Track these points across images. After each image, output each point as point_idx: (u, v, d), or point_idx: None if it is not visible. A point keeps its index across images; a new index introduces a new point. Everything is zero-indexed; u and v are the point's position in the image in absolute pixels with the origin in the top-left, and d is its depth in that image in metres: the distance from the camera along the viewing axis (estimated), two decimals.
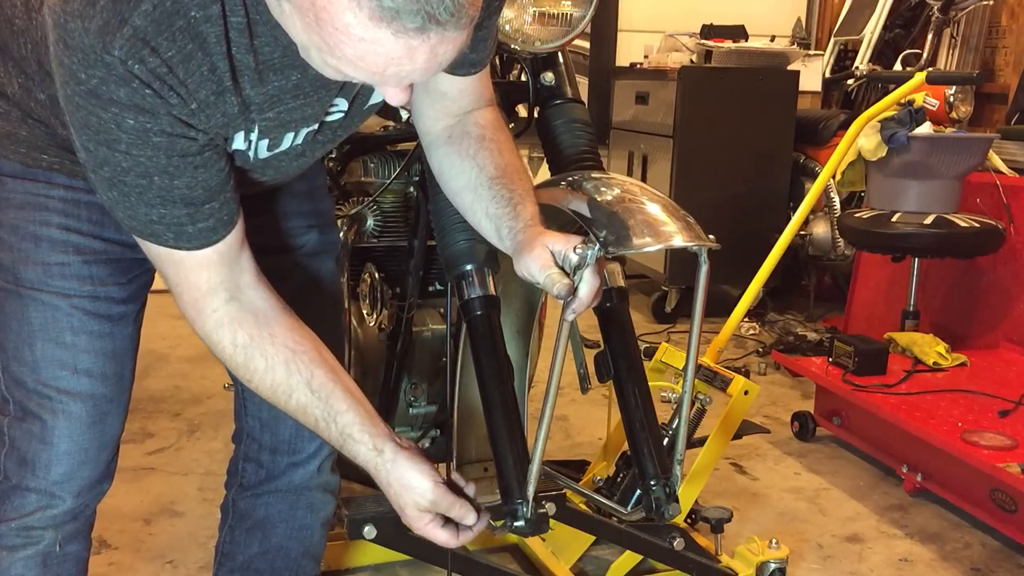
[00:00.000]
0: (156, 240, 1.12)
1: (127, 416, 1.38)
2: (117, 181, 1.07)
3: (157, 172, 1.06)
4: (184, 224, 1.11)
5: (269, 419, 1.48)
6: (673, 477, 1.41)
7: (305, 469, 1.51)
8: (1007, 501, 2.38)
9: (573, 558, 2.15)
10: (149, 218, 1.10)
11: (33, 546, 1.32)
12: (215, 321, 1.17)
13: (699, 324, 1.31)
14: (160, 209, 1.09)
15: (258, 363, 1.18)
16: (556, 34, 1.59)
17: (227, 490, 1.57)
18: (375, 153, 2.05)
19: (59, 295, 1.27)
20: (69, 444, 1.30)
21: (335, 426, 1.19)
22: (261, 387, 1.20)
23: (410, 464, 1.19)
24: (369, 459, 1.20)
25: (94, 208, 1.26)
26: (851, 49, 5.25)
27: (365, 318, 1.98)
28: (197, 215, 1.11)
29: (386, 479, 1.20)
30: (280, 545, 1.53)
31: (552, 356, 1.23)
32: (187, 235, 1.12)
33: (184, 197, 1.09)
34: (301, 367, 1.19)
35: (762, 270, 2.67)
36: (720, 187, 4.31)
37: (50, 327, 1.27)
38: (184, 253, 1.13)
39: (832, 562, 2.33)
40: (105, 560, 2.22)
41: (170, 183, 1.07)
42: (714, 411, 2.08)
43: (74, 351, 1.28)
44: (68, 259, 1.27)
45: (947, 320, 3.42)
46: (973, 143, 3.22)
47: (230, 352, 1.18)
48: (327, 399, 1.19)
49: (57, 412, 1.29)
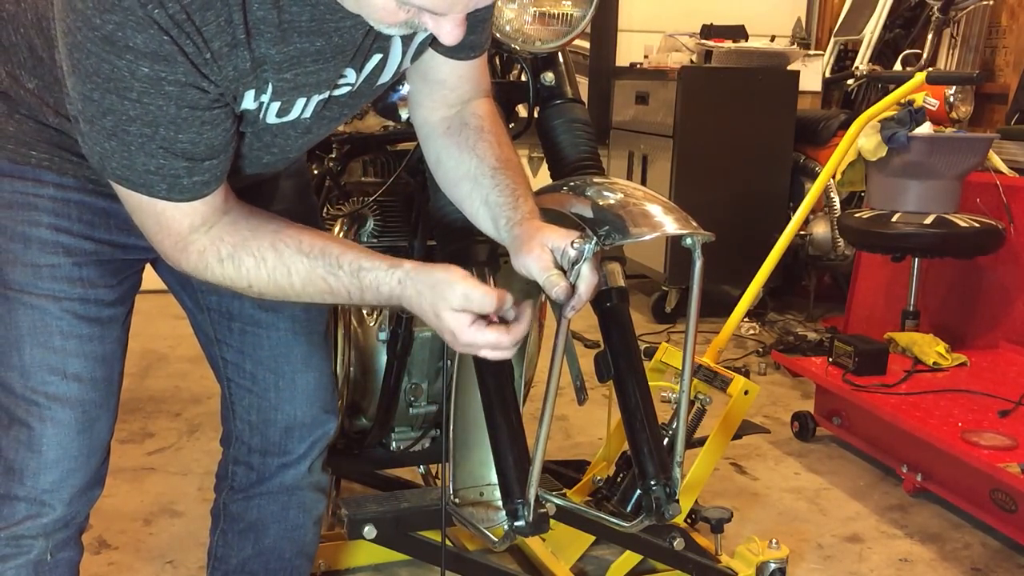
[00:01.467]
0: (148, 191, 1.09)
1: (117, 420, 1.35)
2: (119, 130, 1.04)
3: (164, 122, 1.04)
4: (181, 177, 1.08)
5: (258, 422, 1.46)
6: (673, 478, 1.41)
7: (296, 470, 1.49)
8: (1007, 501, 2.38)
9: (573, 558, 2.15)
10: (146, 168, 1.07)
11: (24, 555, 1.29)
12: (198, 251, 1.14)
13: (695, 319, 1.32)
14: (159, 160, 1.06)
15: (247, 262, 1.14)
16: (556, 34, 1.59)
17: (217, 493, 1.55)
18: (375, 153, 2.05)
19: (49, 298, 1.24)
20: (58, 451, 1.26)
21: (343, 271, 1.13)
22: (260, 284, 1.15)
23: (432, 267, 1.13)
24: (390, 281, 1.13)
25: (85, 208, 1.24)
26: (851, 49, 5.25)
27: (365, 318, 1.98)
28: (195, 170, 1.08)
29: (414, 291, 1.12)
30: (273, 546, 1.52)
31: (551, 357, 1.23)
32: (180, 187, 1.09)
33: (186, 152, 1.07)
34: (288, 240, 1.15)
35: (762, 270, 2.67)
36: (720, 187, 4.31)
37: (39, 331, 1.24)
38: (171, 204, 1.10)
39: (832, 562, 2.33)
40: (105, 560, 2.22)
41: (175, 136, 1.05)
42: (714, 411, 2.08)
43: (64, 355, 1.25)
44: (58, 260, 1.24)
45: (947, 320, 3.42)
46: (973, 143, 3.23)
47: (219, 270, 1.15)
48: (323, 252, 1.14)
49: (45, 419, 1.25)
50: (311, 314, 1.45)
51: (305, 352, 1.45)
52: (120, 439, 2.82)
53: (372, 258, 1.14)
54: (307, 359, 1.45)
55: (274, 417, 1.45)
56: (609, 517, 1.62)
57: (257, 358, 1.43)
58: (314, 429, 1.48)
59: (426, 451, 2.07)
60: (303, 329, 1.44)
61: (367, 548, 2.00)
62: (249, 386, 1.45)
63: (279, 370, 1.43)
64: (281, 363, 1.43)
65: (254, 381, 1.44)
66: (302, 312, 1.43)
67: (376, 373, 1.98)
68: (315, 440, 1.49)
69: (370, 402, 1.99)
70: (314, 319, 1.46)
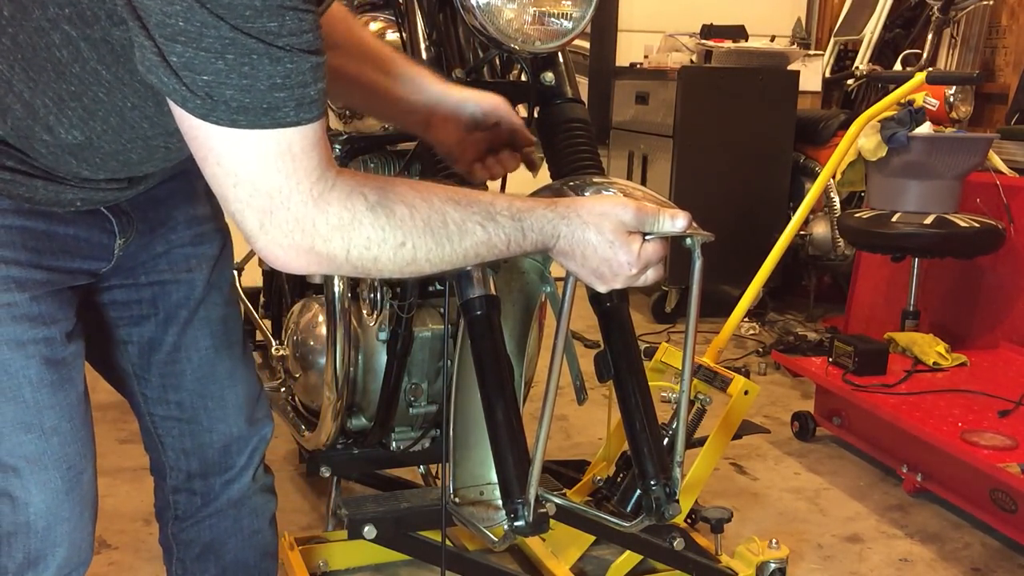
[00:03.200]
0: (275, 118, 0.91)
1: (97, 461, 1.24)
2: (240, 33, 0.87)
3: (291, 6, 0.89)
4: (308, 84, 0.92)
5: (193, 447, 1.39)
6: (673, 478, 1.41)
7: (240, 483, 1.43)
8: (1007, 501, 2.38)
9: (573, 558, 2.15)
10: (272, 82, 0.89)
11: None
12: (341, 195, 0.96)
13: (695, 319, 1.31)
14: (288, 63, 0.90)
15: (399, 210, 0.99)
16: (556, 34, 1.59)
17: (161, 525, 1.47)
18: (375, 153, 2.05)
19: (12, 344, 1.09)
20: (48, 519, 1.14)
21: (503, 216, 1.05)
22: (415, 238, 1.00)
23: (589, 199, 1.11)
24: (553, 219, 1.07)
25: (27, 233, 1.10)
26: (851, 49, 5.26)
27: (365, 318, 1.98)
28: (319, 68, 0.93)
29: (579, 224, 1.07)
30: (236, 559, 1.47)
31: (551, 356, 1.23)
32: (309, 99, 0.92)
33: (310, 45, 0.91)
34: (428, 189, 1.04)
35: (762, 270, 2.67)
36: (720, 187, 4.31)
37: (5, 384, 1.10)
38: (298, 133, 0.93)
39: (832, 562, 2.33)
40: (105, 560, 2.22)
41: (300, 23, 0.90)
42: (714, 411, 2.08)
43: (37, 408, 1.12)
44: (13, 298, 1.09)
45: (947, 320, 3.43)
46: (973, 143, 3.23)
47: (370, 222, 0.97)
48: (471, 199, 1.04)
49: (29, 487, 1.12)
50: (228, 326, 1.39)
51: (229, 367, 1.38)
52: (120, 439, 2.82)
53: (525, 200, 1.08)
54: (231, 374, 1.39)
55: (209, 439, 1.39)
56: (609, 517, 1.61)
57: (181, 386, 1.36)
58: (251, 439, 1.42)
59: (426, 451, 2.08)
60: (223, 344, 1.37)
61: (367, 548, 2.00)
62: (177, 415, 1.38)
63: (207, 391, 1.37)
64: (207, 384, 1.37)
65: (181, 409, 1.37)
66: (220, 326, 1.37)
67: (376, 373, 1.98)
68: (254, 449, 1.43)
69: (370, 402, 1.99)
70: (231, 331, 1.40)
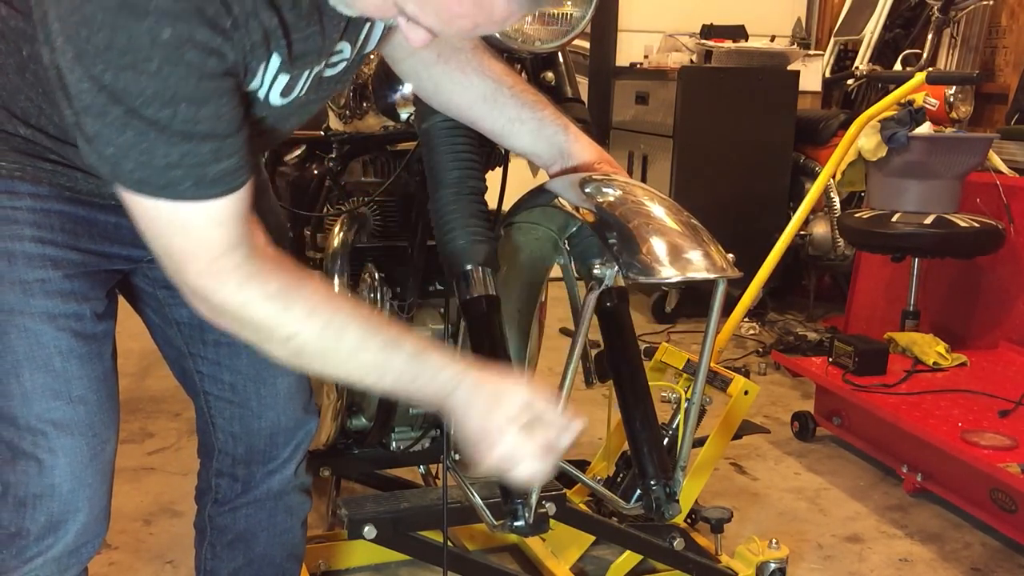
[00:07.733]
0: (171, 192, 0.97)
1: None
2: (135, 117, 0.93)
3: (184, 98, 0.93)
4: (207, 164, 0.97)
5: (242, 432, 1.41)
6: (674, 479, 1.41)
7: (282, 475, 1.45)
8: (1007, 501, 2.38)
9: (573, 558, 2.15)
10: (168, 161, 0.95)
11: None
12: (239, 278, 1.02)
13: (711, 346, 1.34)
14: (183, 146, 0.95)
15: (297, 308, 1.03)
16: (556, 34, 1.59)
17: (200, 507, 1.51)
18: (375, 153, 2.05)
19: (43, 316, 1.16)
20: (72, 483, 1.19)
21: (403, 351, 1.06)
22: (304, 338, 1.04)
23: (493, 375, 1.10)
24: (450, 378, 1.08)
25: (66, 217, 1.18)
26: (851, 49, 5.25)
27: None
28: (221, 151, 0.97)
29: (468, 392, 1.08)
30: (264, 553, 1.49)
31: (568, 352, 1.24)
32: (208, 179, 0.97)
33: (209, 131, 0.96)
34: (344, 303, 1.07)
35: (762, 270, 2.67)
36: (720, 187, 4.31)
37: (37, 353, 1.16)
38: (198, 208, 0.98)
39: (832, 562, 2.33)
40: (105, 560, 2.22)
41: (196, 113, 0.94)
42: (714, 411, 2.08)
43: (66, 378, 1.17)
44: (47, 275, 1.16)
45: (947, 320, 3.43)
46: (973, 143, 3.23)
47: (262, 310, 1.02)
48: (381, 326, 1.07)
49: (56, 449, 1.18)
50: None
51: None
52: (120, 439, 2.80)
53: (438, 351, 1.09)
54: None
55: (257, 426, 1.41)
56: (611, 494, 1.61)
57: (235, 368, 1.38)
58: (297, 431, 1.45)
59: (426, 451, 2.07)
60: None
61: (367, 548, 2.00)
62: (229, 397, 1.40)
63: (259, 377, 1.39)
64: (261, 369, 1.38)
65: (234, 391, 1.39)
66: None
67: None
68: (299, 442, 1.45)
69: (370, 402, 1.99)
70: None
